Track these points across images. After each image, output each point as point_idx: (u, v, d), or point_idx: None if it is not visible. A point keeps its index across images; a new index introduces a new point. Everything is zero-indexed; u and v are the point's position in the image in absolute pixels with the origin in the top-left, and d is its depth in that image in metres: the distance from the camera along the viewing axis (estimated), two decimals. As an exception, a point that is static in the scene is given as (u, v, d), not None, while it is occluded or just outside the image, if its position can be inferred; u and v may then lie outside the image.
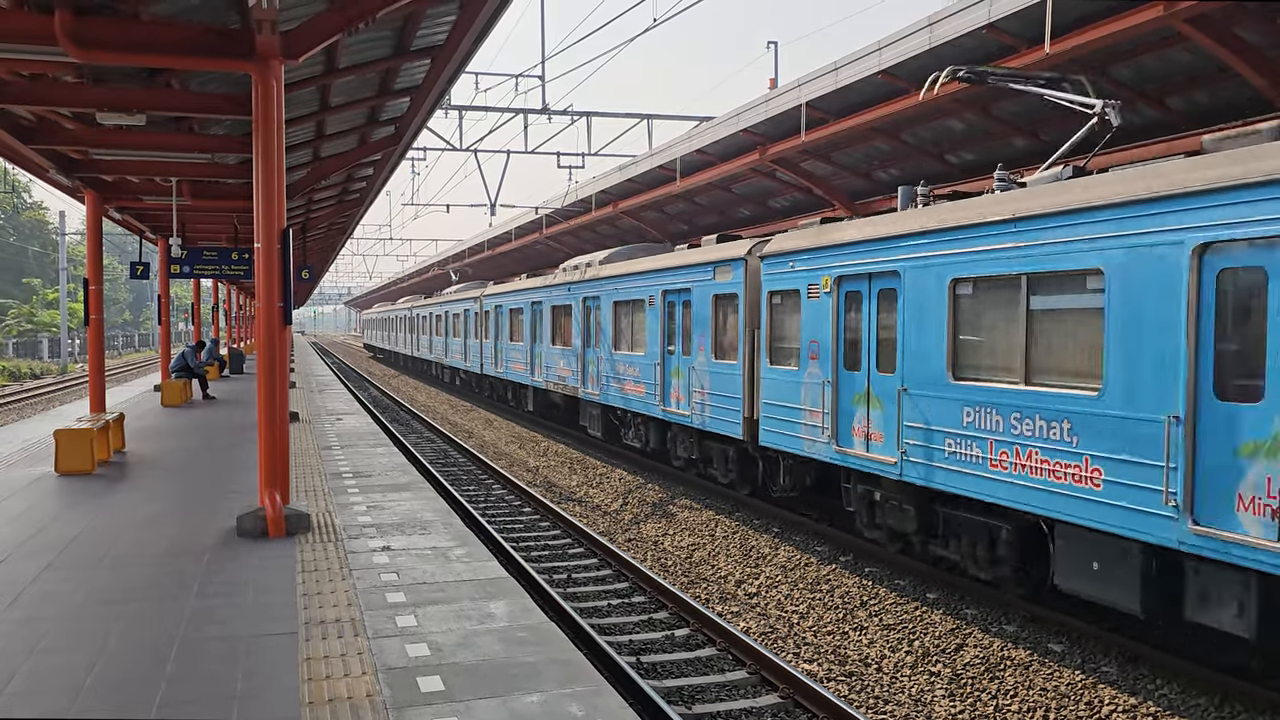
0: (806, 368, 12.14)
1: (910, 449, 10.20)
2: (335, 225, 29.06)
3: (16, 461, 13.14)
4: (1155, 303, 7.45)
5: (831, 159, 18.48)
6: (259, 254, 8.84)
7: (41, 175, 14.31)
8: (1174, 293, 7.28)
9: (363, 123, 14.74)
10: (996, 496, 9.07)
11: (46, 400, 34.16)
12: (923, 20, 12.82)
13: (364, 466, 12.96)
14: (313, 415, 19.60)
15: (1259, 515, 6.73)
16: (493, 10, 9.12)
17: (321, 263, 45.96)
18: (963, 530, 9.96)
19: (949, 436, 9.66)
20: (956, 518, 10.02)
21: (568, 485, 17.47)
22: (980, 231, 9.29)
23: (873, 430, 10.92)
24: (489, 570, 7.71)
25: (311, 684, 5.27)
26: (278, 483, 8.91)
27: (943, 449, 9.74)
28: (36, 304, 67.42)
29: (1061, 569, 8.55)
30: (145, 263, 22.07)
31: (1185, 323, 7.19)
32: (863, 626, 9.62)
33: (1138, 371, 7.62)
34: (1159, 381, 7.43)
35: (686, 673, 8.38)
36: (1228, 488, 6.95)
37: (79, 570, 7.52)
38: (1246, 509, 6.83)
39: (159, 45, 8.58)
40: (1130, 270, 7.68)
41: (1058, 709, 7.64)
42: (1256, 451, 6.76)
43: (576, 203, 29.17)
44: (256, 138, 8.76)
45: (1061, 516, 8.36)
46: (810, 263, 12.06)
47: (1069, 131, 14.20)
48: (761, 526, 13.47)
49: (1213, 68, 11.63)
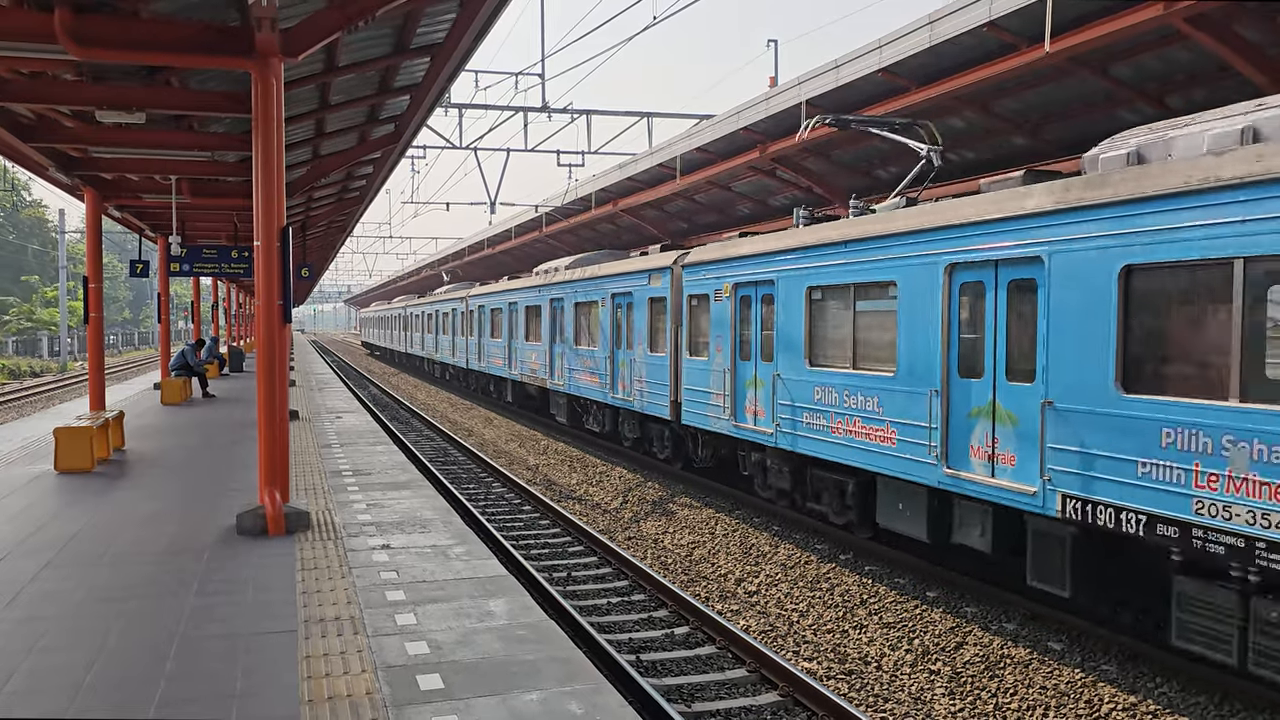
0: (714, 358, 14.54)
1: (782, 422, 12.59)
2: (335, 223, 29.05)
3: (16, 459, 13.14)
4: (924, 306, 9.93)
5: (831, 157, 18.47)
6: (258, 252, 8.84)
7: (41, 173, 14.31)
8: (935, 299, 9.78)
9: (362, 121, 14.73)
10: (839, 457, 11.43)
11: (46, 398, 34.15)
12: (923, 18, 12.81)
13: (364, 464, 12.96)
14: (312, 413, 19.60)
15: (981, 460, 9.25)
16: (492, 8, 9.11)
17: (321, 261, 45.97)
18: (823, 486, 12.28)
19: (806, 411, 12.12)
20: (819, 476, 12.33)
21: (567, 483, 17.47)
22: (826, 250, 11.72)
23: (758, 408, 13.32)
24: (489, 568, 7.71)
25: (311, 682, 5.27)
26: (277, 481, 8.91)
27: (803, 421, 12.17)
28: (36, 302, 67.40)
29: (881, 511, 10.96)
30: (145, 261, 22.06)
31: (941, 321, 9.68)
32: (862, 625, 9.62)
33: (915, 357, 10.09)
34: (926, 364, 9.92)
35: (686, 671, 8.38)
36: (965, 441, 9.47)
37: (79, 568, 7.52)
38: (974, 456, 9.34)
39: (159, 43, 8.57)
40: (911, 282, 10.15)
41: (1057, 707, 7.64)
42: (979, 414, 9.31)
43: (576, 201, 29.16)
44: (256, 136, 8.75)
45: (878, 469, 10.73)
46: (716, 272, 14.47)
47: (1065, 129, 14.21)
48: (761, 525, 13.48)
49: (1213, 66, 11.62)
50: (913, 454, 10.08)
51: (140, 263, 21.96)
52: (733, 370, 13.89)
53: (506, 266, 47.14)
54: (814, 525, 12.99)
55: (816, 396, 11.83)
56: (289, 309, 9.03)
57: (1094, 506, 7.92)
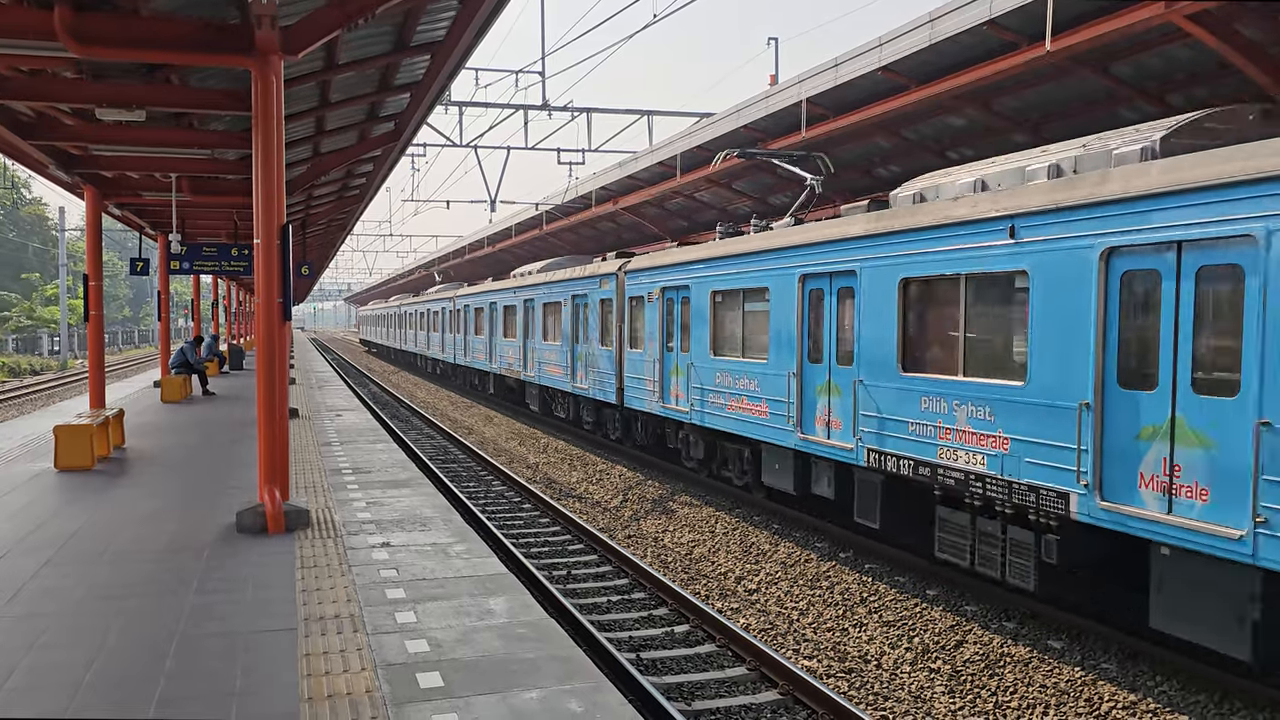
0: (647, 350, 17.23)
1: (695, 403, 15.27)
2: (335, 221, 29.05)
3: (16, 457, 13.14)
4: (786, 307, 12.57)
5: (832, 155, 18.46)
6: (258, 250, 8.83)
7: (41, 171, 14.30)
8: (792, 301, 12.43)
9: (362, 119, 14.73)
10: (735, 430, 14.09)
11: (46, 396, 34.14)
12: (924, 16, 12.80)
13: (364, 463, 12.96)
14: (312, 411, 19.60)
15: (823, 426, 11.83)
16: (493, 6, 9.10)
17: (321, 259, 45.97)
18: (728, 455, 15.05)
19: (712, 393, 14.73)
20: (725, 447, 15.17)
21: (567, 481, 17.47)
22: (724, 261, 14.43)
23: (679, 391, 16.04)
24: (489, 566, 7.71)
25: (311, 680, 5.27)
26: (277, 479, 8.91)
27: (710, 401, 14.80)
28: (36, 300, 67.39)
29: (765, 472, 13.52)
30: (145, 258, 22.06)
31: (796, 318, 12.34)
32: (862, 623, 9.62)
33: (780, 346, 12.65)
34: (788, 353, 12.48)
35: (686, 669, 8.38)
36: (813, 412, 12.07)
37: (79, 566, 7.52)
38: (819, 424, 11.94)
39: (159, 40, 8.56)
40: (778, 287, 12.74)
41: (1057, 706, 7.64)
42: (822, 391, 11.88)
43: (577, 199, 29.15)
44: (256, 133, 8.75)
45: (759, 438, 13.34)
46: (650, 278, 17.19)
47: (1066, 127, 14.20)
48: (761, 523, 13.48)
49: (1214, 64, 11.61)
50: (779, 424, 12.71)
51: (140, 260, 21.96)
52: (660, 360, 16.73)
53: (507, 265, 47.15)
54: (814, 524, 13.00)
55: (718, 380, 14.58)
56: (289, 307, 9.02)
57: (885, 456, 10.56)
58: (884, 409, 10.60)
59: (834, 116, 15.89)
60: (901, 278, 10.38)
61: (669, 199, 25.56)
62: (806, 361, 12.19)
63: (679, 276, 15.91)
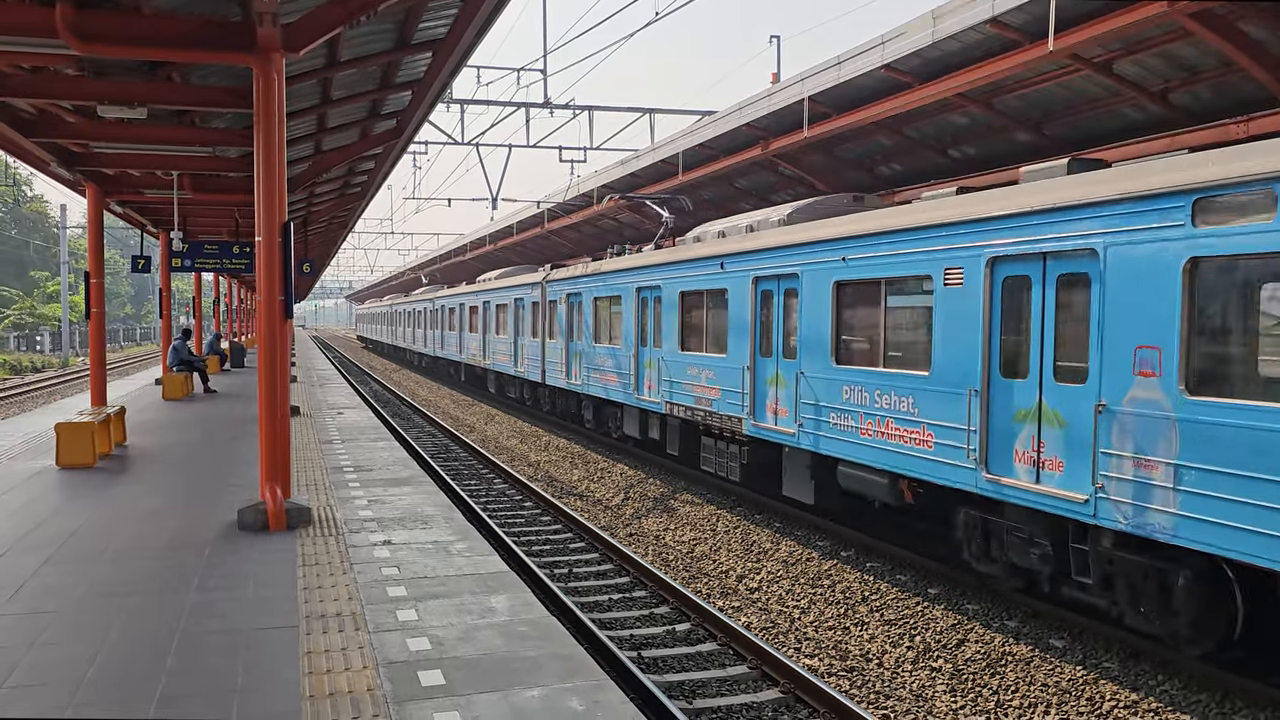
0: (559, 340, 22.55)
1: (585, 378, 20.68)
2: (336, 219, 29.03)
3: (18, 455, 13.14)
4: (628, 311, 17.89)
5: (834, 153, 18.43)
6: (260, 248, 8.82)
7: (43, 169, 14.30)
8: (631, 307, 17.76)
9: (364, 116, 14.71)
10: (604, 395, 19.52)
11: (48, 393, 34.16)
12: (926, 15, 12.76)
13: (365, 461, 12.95)
14: (314, 409, 19.60)
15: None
16: (494, 4, 9.08)
17: (323, 256, 45.96)
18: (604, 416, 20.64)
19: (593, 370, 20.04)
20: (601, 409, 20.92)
21: (569, 480, 17.48)
22: (598, 277, 19.80)
23: (575, 369, 21.41)
24: (490, 564, 7.71)
25: (312, 678, 5.27)
26: (278, 476, 8.91)
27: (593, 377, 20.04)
28: (38, 297, 67.45)
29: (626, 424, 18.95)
30: (146, 256, 22.05)
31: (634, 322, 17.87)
32: (864, 622, 9.62)
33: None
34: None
35: (688, 667, 8.38)
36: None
37: (80, 564, 7.52)
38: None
39: (160, 38, 8.56)
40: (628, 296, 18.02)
41: (1059, 705, 7.63)
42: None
43: (578, 196, 29.13)
44: (258, 131, 8.74)
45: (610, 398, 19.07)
46: (560, 286, 22.63)
47: (1068, 126, 14.19)
48: (763, 522, 13.48)
49: (1217, 63, 11.58)
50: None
51: (142, 258, 21.96)
52: (565, 347, 22.09)
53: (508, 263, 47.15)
54: (815, 522, 12.99)
55: (599, 362, 19.60)
56: (290, 305, 9.01)
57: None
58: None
59: (836, 114, 15.86)
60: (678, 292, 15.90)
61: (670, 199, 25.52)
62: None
63: (576, 285, 21.33)
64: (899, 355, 10.72)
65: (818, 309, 11.90)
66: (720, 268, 14.17)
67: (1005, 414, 9.04)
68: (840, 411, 11.45)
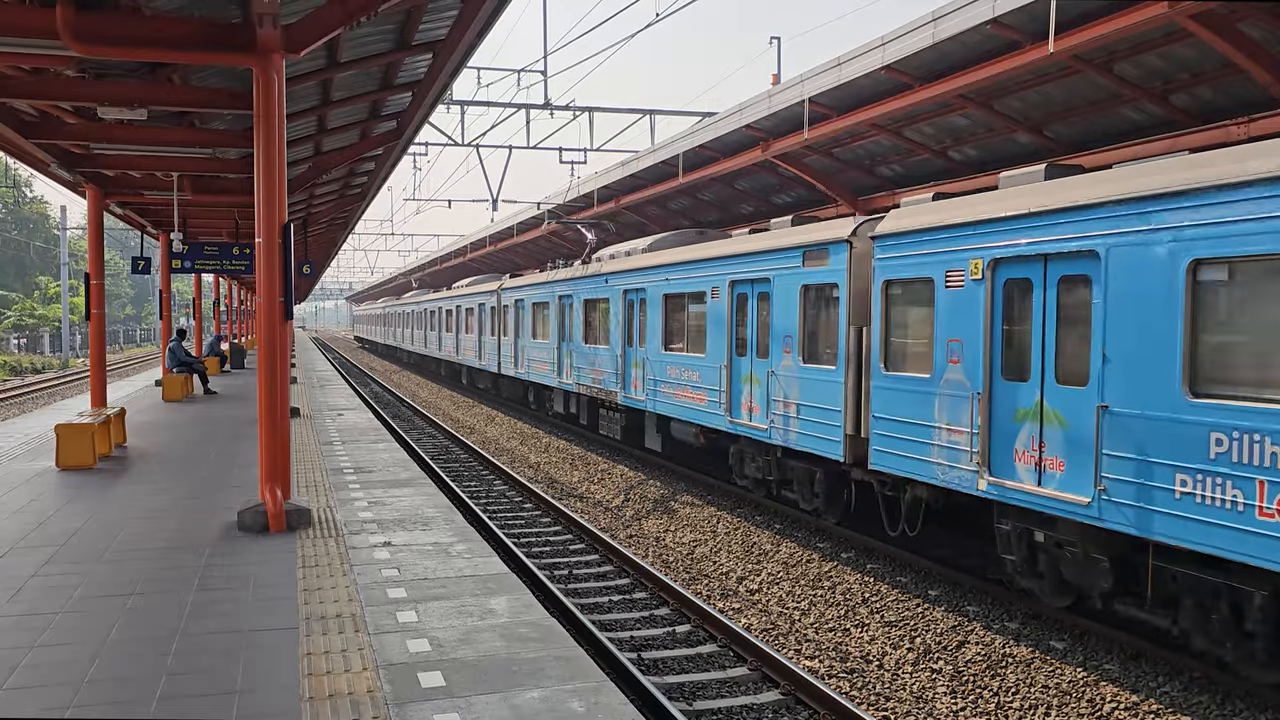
0: (511, 337, 27.37)
1: (527, 367, 25.53)
2: (336, 220, 29.06)
3: (18, 456, 13.14)
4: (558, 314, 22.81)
5: (834, 155, 18.42)
6: (260, 249, 8.82)
7: (43, 170, 14.30)
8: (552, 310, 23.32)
9: (364, 118, 14.72)
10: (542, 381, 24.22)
11: (48, 395, 34.16)
12: (926, 16, 12.76)
13: (365, 462, 12.95)
14: (314, 410, 19.60)
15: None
16: (495, 5, 9.09)
17: (323, 258, 45.99)
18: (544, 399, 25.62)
19: (534, 361, 24.52)
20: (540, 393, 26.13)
21: (569, 481, 17.47)
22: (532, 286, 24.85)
23: (521, 360, 26.04)
24: (490, 566, 7.70)
25: (312, 679, 5.26)
26: (278, 478, 8.90)
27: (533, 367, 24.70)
28: (38, 298, 67.46)
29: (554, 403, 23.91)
30: (147, 258, 22.08)
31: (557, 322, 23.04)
32: (864, 623, 9.61)
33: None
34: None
35: (688, 669, 8.37)
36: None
37: (80, 564, 7.52)
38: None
39: (161, 40, 8.55)
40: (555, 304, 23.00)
41: (1059, 706, 7.62)
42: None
43: (579, 198, 29.12)
44: (258, 132, 8.74)
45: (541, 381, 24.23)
46: (512, 293, 27.35)
47: (1069, 127, 14.19)
48: (764, 523, 13.47)
49: (1218, 64, 11.58)
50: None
51: (142, 259, 21.97)
52: (514, 343, 26.98)
53: (509, 263, 47.20)
54: (816, 524, 12.98)
55: (535, 355, 24.58)
56: (290, 306, 9.01)
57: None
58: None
59: (836, 116, 15.85)
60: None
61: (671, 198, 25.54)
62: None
63: (524, 293, 26.05)
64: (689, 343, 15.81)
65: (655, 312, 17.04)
66: (605, 282, 19.55)
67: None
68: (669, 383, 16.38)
